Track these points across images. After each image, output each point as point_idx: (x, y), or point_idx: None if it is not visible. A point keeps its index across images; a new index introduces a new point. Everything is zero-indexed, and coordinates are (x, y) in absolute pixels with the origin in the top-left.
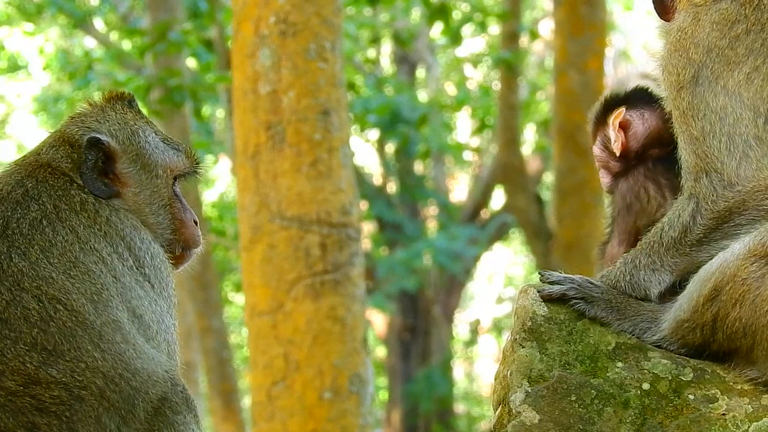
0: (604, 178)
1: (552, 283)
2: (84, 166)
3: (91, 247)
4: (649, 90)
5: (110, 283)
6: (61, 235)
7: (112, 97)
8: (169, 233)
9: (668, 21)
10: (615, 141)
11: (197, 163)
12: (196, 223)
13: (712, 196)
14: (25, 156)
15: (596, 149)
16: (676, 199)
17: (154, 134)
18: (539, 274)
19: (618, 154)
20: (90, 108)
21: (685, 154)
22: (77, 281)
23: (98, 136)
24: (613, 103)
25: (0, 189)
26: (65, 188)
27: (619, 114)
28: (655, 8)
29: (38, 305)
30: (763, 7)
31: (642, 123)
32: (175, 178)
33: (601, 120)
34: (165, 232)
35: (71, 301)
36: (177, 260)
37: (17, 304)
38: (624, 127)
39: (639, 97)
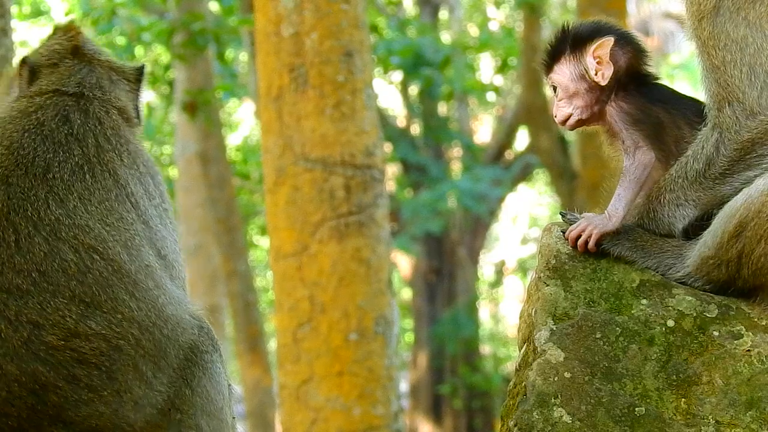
0: (568, 108)
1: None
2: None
3: (129, 192)
4: (607, 22)
5: (140, 226)
6: (100, 181)
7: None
8: None
9: None
10: (599, 70)
11: None
12: None
13: (736, 126)
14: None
15: (565, 80)
16: (699, 130)
17: None
18: (561, 214)
19: (604, 84)
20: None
21: (707, 83)
22: (112, 229)
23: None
24: (588, 33)
25: (43, 122)
26: (113, 119)
27: (607, 43)
28: None
29: (75, 256)
30: None
31: (622, 53)
32: None
33: (577, 49)
34: None
35: (107, 250)
36: None
37: (55, 255)
38: (607, 57)
39: (608, 28)
